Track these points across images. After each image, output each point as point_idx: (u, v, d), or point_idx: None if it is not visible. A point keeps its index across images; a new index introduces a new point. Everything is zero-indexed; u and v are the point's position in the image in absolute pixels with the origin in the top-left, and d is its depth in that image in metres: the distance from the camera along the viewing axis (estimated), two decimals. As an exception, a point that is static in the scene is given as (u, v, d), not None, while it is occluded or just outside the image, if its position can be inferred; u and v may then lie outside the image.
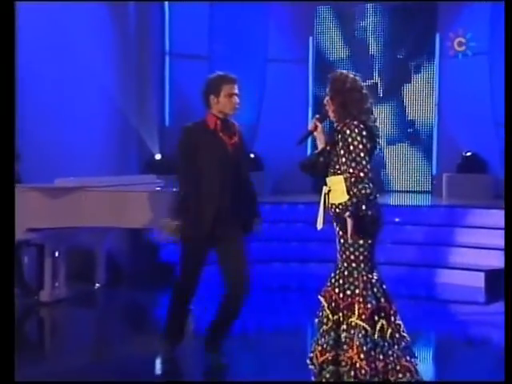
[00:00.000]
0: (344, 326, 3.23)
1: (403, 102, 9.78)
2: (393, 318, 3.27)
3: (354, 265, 3.26)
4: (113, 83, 7.71)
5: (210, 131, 3.83)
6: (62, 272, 5.68)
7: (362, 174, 3.17)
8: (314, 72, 9.98)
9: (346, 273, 3.27)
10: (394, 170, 9.85)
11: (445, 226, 7.21)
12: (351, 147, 3.20)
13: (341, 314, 3.26)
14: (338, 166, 3.29)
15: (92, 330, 5.22)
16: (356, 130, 3.22)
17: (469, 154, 8.93)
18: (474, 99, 8.83)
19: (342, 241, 3.29)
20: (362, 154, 3.19)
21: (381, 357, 3.18)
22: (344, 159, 3.24)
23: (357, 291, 3.23)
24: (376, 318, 3.22)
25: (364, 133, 3.23)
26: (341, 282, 3.28)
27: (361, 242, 3.26)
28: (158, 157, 8.44)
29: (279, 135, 8.74)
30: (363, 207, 3.17)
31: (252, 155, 8.94)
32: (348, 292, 3.25)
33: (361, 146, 3.20)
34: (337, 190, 3.28)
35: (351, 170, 3.18)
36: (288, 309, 5.71)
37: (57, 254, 5.65)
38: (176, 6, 8.94)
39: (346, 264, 3.28)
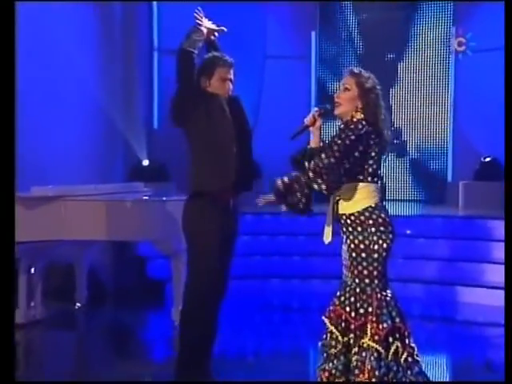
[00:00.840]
0: (355, 349, 3.20)
1: (414, 101, 9.81)
2: (407, 341, 3.25)
3: (367, 281, 3.25)
4: (96, 83, 7.70)
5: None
6: (38, 290, 5.64)
7: (322, 166, 3.17)
8: (316, 69, 10.00)
9: (357, 290, 3.26)
10: (405, 176, 9.85)
11: (461, 239, 7.18)
12: (336, 138, 3.20)
13: (351, 336, 3.24)
14: (346, 171, 3.27)
15: (72, 355, 5.17)
16: (359, 127, 3.21)
17: (488, 159, 8.92)
18: (492, 98, 8.85)
19: (353, 254, 3.27)
20: (338, 150, 3.17)
21: None
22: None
23: (370, 309, 3.22)
24: (390, 339, 3.20)
25: (368, 136, 3.23)
26: (352, 300, 3.26)
27: (375, 255, 3.24)
28: (145, 163, 8.43)
29: (279, 138, 8.72)
30: (301, 189, 3.21)
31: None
32: (361, 311, 3.23)
33: (347, 142, 3.19)
34: (348, 198, 3.28)
35: (315, 161, 3.18)
36: (289, 330, 5.68)
37: (33, 270, 5.60)
38: (164, 3, 8.99)
39: (357, 280, 3.26)
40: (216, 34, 4.00)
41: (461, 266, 6.89)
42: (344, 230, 3.32)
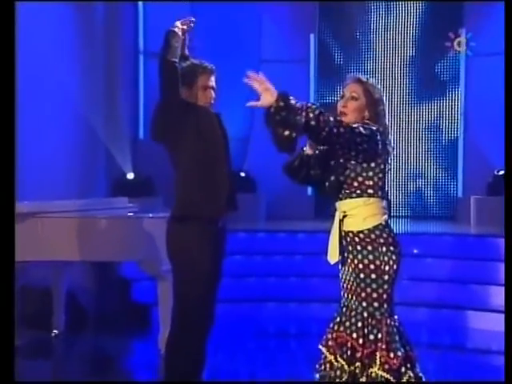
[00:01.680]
0: (363, 379, 3.22)
1: (419, 110, 9.88)
2: (416, 370, 3.28)
3: (376, 305, 3.26)
4: (76, 89, 7.74)
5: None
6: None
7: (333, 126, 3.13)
8: (316, 74, 10.07)
9: (365, 314, 3.27)
10: (411, 191, 9.90)
11: (473, 260, 7.20)
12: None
13: (358, 365, 3.24)
14: (353, 184, 3.32)
15: (49, 386, 5.15)
16: (373, 128, 3.27)
17: (501, 172, 8.98)
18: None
19: (362, 276, 3.28)
20: (345, 131, 3.16)
21: None
22: (365, 165, 3.27)
23: (379, 336, 3.23)
24: (403, 369, 3.22)
25: (381, 144, 3.29)
26: (359, 325, 3.27)
27: (385, 277, 3.27)
28: (130, 176, 8.45)
29: (275, 150, 8.79)
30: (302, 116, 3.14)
31: (243, 174, 8.97)
32: (370, 337, 3.24)
33: (358, 130, 3.20)
34: (355, 215, 3.31)
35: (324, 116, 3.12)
36: (285, 358, 5.68)
37: (7, 293, 5.59)
38: (151, 3, 9.07)
39: (364, 304, 3.27)
40: (186, 30, 3.99)
41: (472, 288, 6.91)
42: (350, 249, 3.33)
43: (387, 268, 3.27)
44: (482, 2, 9.25)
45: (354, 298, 3.31)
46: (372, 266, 3.26)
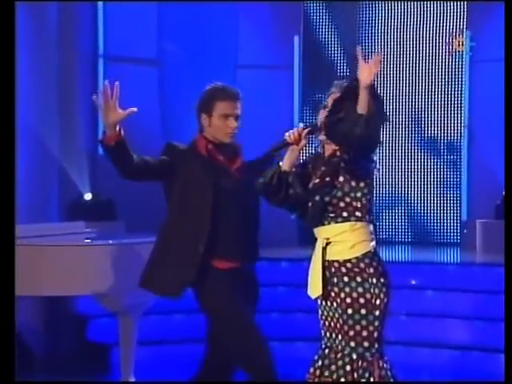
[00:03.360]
0: None
1: (417, 120, 9.95)
2: None
3: (366, 344, 3.28)
4: (26, 99, 7.72)
5: (202, 157, 3.96)
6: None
7: None
8: (301, 82, 10.13)
9: (353, 356, 3.27)
10: (407, 214, 9.94)
11: (480, 292, 7.22)
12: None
13: None
14: (339, 205, 3.32)
15: None
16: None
17: (510, 192, 9.06)
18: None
19: (349, 311, 3.28)
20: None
21: None
22: (353, 183, 3.30)
23: (371, 380, 3.25)
24: None
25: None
26: (348, 369, 3.27)
27: (376, 312, 3.28)
28: (87, 197, 8.43)
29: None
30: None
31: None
32: (362, 381, 3.26)
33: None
34: (341, 241, 3.33)
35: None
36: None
37: None
38: (112, 2, 9.12)
39: (353, 344, 3.28)
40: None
41: (479, 325, 6.92)
42: (335, 281, 3.33)
43: (378, 302, 3.29)
44: (485, 2, 9.40)
45: (340, 337, 3.31)
46: (362, 300, 3.27)
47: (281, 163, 3.47)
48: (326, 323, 3.39)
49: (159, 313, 6.74)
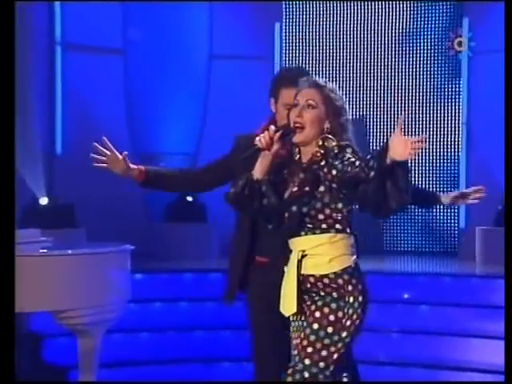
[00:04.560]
0: None
1: (411, 121, 10.00)
2: None
3: (321, 365, 3.28)
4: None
5: None
6: None
7: None
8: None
9: (305, 374, 3.27)
10: (400, 221, 9.97)
11: (479, 307, 7.25)
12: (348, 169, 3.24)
13: None
14: (317, 217, 3.31)
15: None
16: (350, 155, 3.28)
17: (513, 197, 9.11)
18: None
19: (315, 326, 3.27)
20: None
21: None
22: (328, 199, 3.27)
23: None
24: None
25: None
26: None
27: (343, 334, 3.27)
28: (43, 201, 8.37)
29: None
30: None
31: (189, 199, 8.97)
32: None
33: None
34: (318, 255, 3.32)
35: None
36: None
37: None
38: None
39: (308, 361, 3.27)
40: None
41: (478, 344, 6.92)
42: (309, 297, 3.33)
43: (349, 323, 3.28)
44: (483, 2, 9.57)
45: (296, 352, 3.31)
46: (332, 317, 3.27)
47: (253, 171, 3.42)
48: (295, 342, 3.38)
49: (124, 331, 6.73)
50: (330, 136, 3.36)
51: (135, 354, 6.90)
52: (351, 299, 3.29)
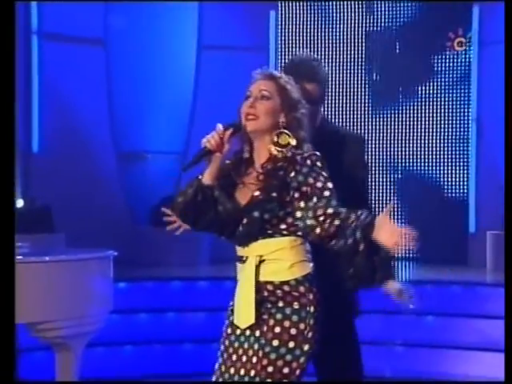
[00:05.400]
0: None
1: (415, 117, 10.00)
2: None
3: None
4: None
5: None
6: None
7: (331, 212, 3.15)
8: (277, 66, 10.16)
9: None
10: (405, 223, 9.96)
11: (490, 318, 7.25)
12: (318, 184, 3.20)
13: None
14: (279, 226, 3.27)
15: None
16: (319, 163, 3.25)
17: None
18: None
19: (275, 343, 3.22)
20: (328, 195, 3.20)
21: None
22: (302, 204, 3.23)
23: None
24: None
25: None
26: None
27: (306, 347, 3.24)
28: (19, 204, 8.37)
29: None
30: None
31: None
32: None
33: (330, 186, 3.22)
34: (277, 260, 3.27)
35: (320, 213, 3.15)
36: None
37: None
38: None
39: (262, 373, 3.21)
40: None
41: (490, 358, 6.93)
42: (266, 306, 3.27)
43: (310, 335, 3.24)
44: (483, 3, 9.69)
45: (253, 373, 3.25)
46: (293, 331, 3.22)
47: (200, 176, 3.33)
48: (234, 357, 3.32)
49: (106, 344, 6.72)
50: (285, 131, 3.31)
51: (118, 369, 6.89)
52: (312, 309, 3.25)
